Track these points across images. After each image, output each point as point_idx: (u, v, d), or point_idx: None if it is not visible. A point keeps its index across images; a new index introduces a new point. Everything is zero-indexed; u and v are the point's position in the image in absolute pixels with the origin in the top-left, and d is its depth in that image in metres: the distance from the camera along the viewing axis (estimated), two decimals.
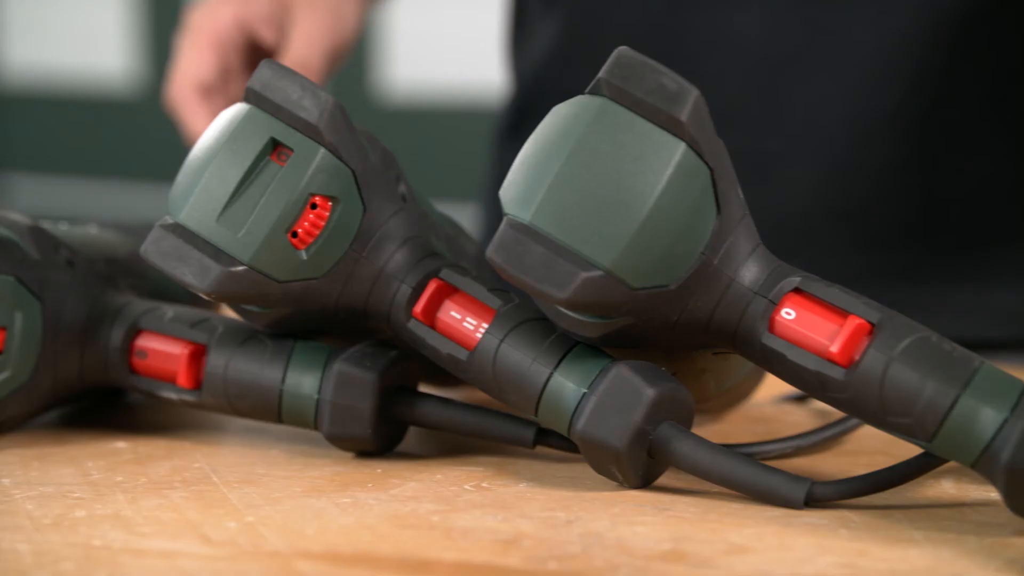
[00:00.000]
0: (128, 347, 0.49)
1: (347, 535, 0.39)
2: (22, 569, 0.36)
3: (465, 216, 0.63)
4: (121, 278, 0.53)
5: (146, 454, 0.48)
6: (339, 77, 0.88)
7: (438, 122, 2.38)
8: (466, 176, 1.65)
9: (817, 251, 0.73)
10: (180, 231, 0.45)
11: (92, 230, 0.56)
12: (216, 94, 0.71)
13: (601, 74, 0.42)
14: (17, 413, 0.49)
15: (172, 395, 0.49)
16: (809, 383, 0.41)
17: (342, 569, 0.36)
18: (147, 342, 0.49)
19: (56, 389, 0.49)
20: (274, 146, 0.46)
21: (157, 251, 0.45)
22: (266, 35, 0.72)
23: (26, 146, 2.76)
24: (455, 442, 0.49)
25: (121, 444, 0.49)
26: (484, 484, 0.44)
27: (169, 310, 0.50)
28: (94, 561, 0.36)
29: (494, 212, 0.88)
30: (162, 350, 0.49)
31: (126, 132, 2.72)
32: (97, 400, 0.54)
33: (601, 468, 0.43)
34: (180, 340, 0.49)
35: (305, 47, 0.70)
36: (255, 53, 0.73)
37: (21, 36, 2.71)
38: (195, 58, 0.71)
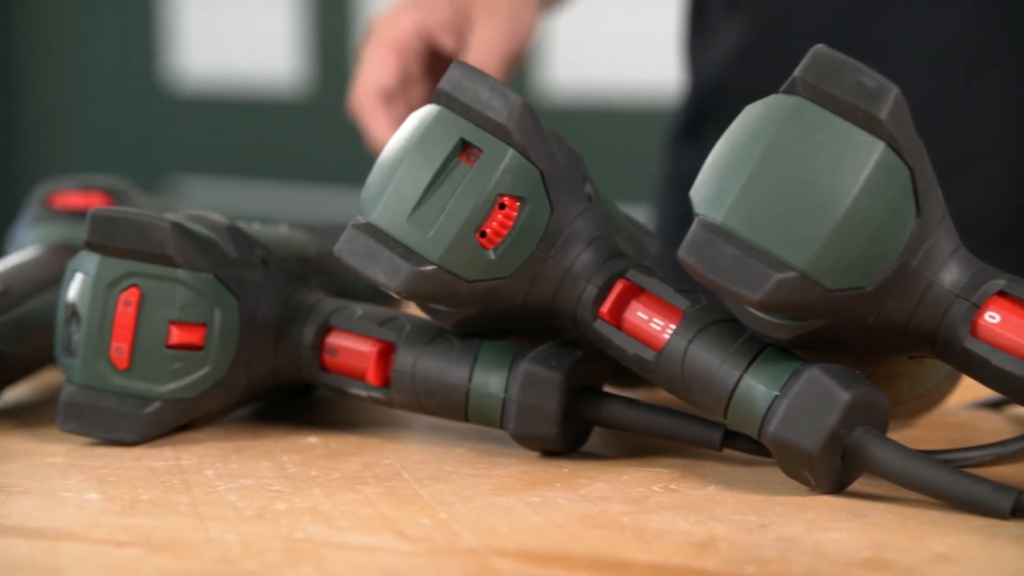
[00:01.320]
0: (319, 344, 0.51)
1: (539, 534, 0.39)
2: (231, 559, 0.37)
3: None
4: (311, 276, 0.55)
5: (337, 450, 0.49)
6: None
7: (598, 123, 2.38)
8: (627, 178, 1.65)
9: (1015, 252, 0.71)
10: (372, 231, 0.46)
11: (283, 230, 0.57)
12: (397, 100, 0.73)
13: (797, 73, 0.41)
14: (215, 407, 0.50)
15: (361, 392, 0.50)
16: (1014, 388, 0.40)
17: (537, 568, 0.36)
18: (337, 340, 0.50)
19: (251, 385, 0.51)
20: (464, 147, 0.46)
21: (350, 250, 0.46)
22: (446, 42, 0.73)
23: (199, 148, 2.85)
24: (639, 442, 0.49)
25: (313, 439, 0.50)
26: (672, 486, 0.44)
27: (358, 308, 0.51)
28: (298, 554, 0.37)
29: (667, 214, 0.88)
30: (352, 348, 0.50)
31: (294, 134, 2.79)
32: (287, 396, 0.56)
33: (793, 472, 0.42)
34: (369, 338, 0.50)
35: (484, 54, 0.71)
36: (435, 60, 0.74)
37: (197, 43, 2.80)
38: (377, 65, 0.72)
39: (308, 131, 2.78)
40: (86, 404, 0.49)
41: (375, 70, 0.72)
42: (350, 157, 2.77)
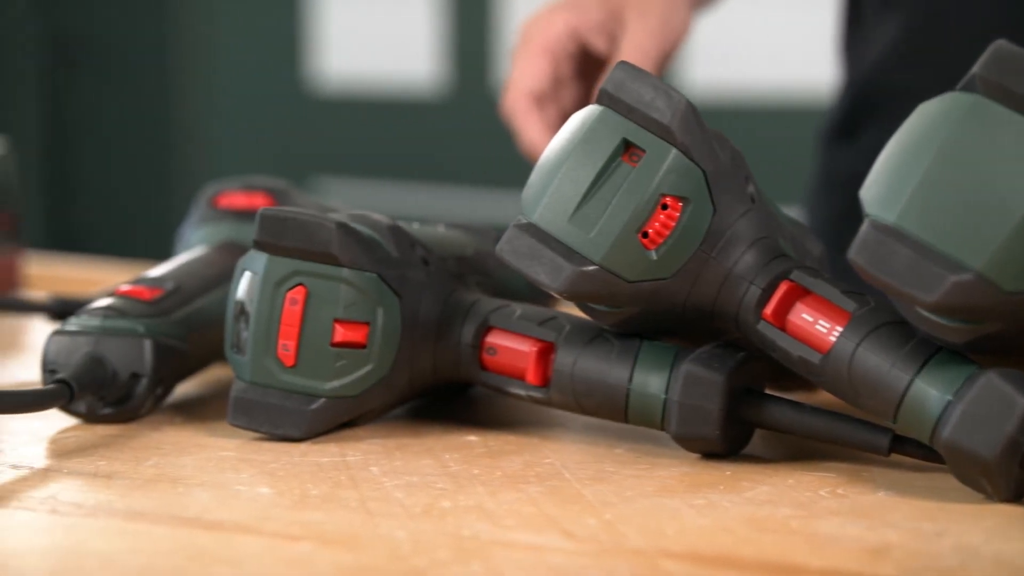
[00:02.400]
0: (479, 343, 0.51)
1: (707, 537, 0.39)
2: (402, 555, 0.37)
3: None
4: (469, 276, 0.55)
5: (497, 448, 0.49)
6: None
7: (740, 123, 2.36)
8: (773, 178, 1.63)
9: None
10: (533, 231, 0.46)
11: (440, 229, 0.58)
12: (549, 102, 0.73)
13: (975, 69, 0.40)
14: (377, 405, 0.51)
15: (520, 391, 0.50)
16: None
17: (707, 570, 0.36)
18: (497, 339, 0.51)
19: (412, 383, 0.52)
20: (626, 147, 0.46)
21: (511, 250, 0.47)
22: (597, 44, 0.73)
23: (340, 149, 2.90)
24: (801, 445, 0.48)
25: (472, 438, 0.51)
26: (839, 490, 0.43)
27: (517, 308, 0.51)
28: (466, 551, 0.38)
29: (819, 215, 0.86)
30: (511, 347, 0.50)
31: (432, 135, 2.82)
32: (444, 394, 0.56)
33: (968, 479, 0.41)
34: (529, 338, 0.50)
35: (636, 56, 0.70)
36: (587, 61, 0.74)
37: (338, 45, 2.84)
38: (528, 67, 0.72)
39: (446, 132, 2.81)
40: (255, 400, 0.50)
41: (527, 73, 0.72)
42: (487, 158, 2.79)
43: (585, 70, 0.74)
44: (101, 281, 0.90)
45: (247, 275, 0.51)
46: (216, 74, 3.00)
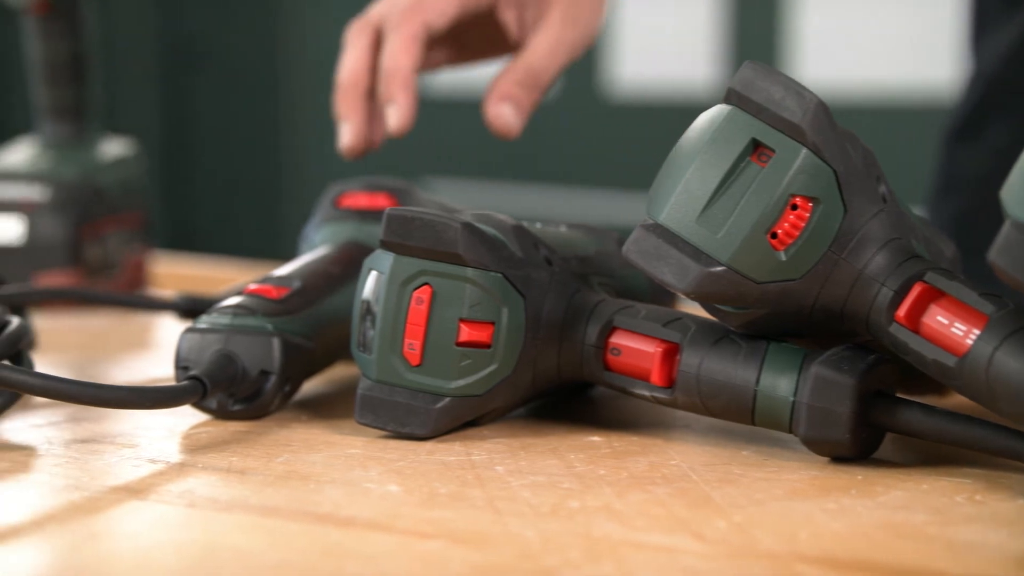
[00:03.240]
0: (603, 344, 0.51)
1: (842, 542, 0.38)
2: (532, 554, 0.37)
3: None
4: (592, 276, 0.55)
5: (622, 449, 0.49)
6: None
7: (853, 123, 2.32)
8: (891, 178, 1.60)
9: None
10: (660, 231, 0.46)
11: (562, 229, 0.58)
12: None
13: None
14: (501, 404, 0.51)
15: (644, 392, 0.50)
16: None
17: (843, 575, 0.36)
18: (621, 340, 0.51)
19: (535, 382, 0.52)
20: (755, 147, 0.46)
21: (638, 251, 0.46)
22: (506, 17, 0.68)
23: (452, 150, 2.91)
24: (934, 450, 0.48)
25: (596, 438, 0.51)
26: (977, 497, 0.42)
27: (642, 308, 0.51)
28: (598, 552, 0.38)
29: (942, 215, 0.85)
30: (636, 348, 0.50)
31: (540, 136, 2.82)
32: (565, 394, 0.56)
33: None
34: (654, 338, 0.50)
35: (550, 49, 0.66)
36: (474, 23, 0.68)
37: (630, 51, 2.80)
38: (401, 38, 0.64)
39: (554, 133, 2.81)
40: (381, 399, 0.50)
41: (401, 47, 0.63)
42: (594, 159, 2.79)
43: (464, 30, 0.68)
44: (219, 279, 0.92)
45: (373, 274, 0.51)
46: (327, 76, 3.04)
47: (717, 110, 0.47)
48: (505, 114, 0.64)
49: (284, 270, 0.57)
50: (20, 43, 0.84)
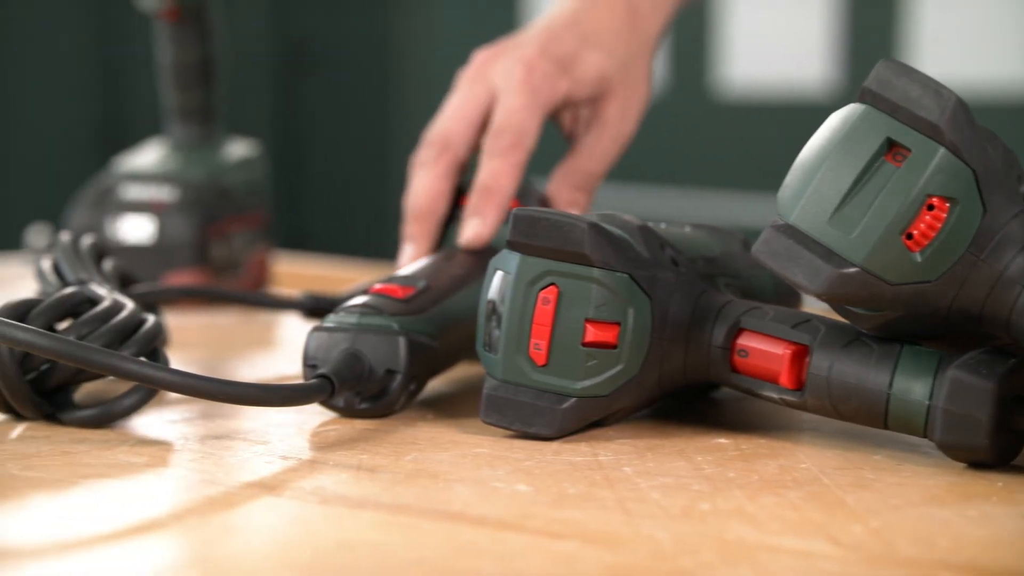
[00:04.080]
0: (730, 345, 0.51)
1: (986, 550, 0.37)
2: (666, 556, 0.37)
3: None
4: (718, 277, 0.55)
5: (750, 452, 0.49)
6: None
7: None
8: None
9: None
10: (791, 232, 0.46)
11: (687, 230, 0.58)
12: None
13: None
14: (627, 405, 0.51)
15: (773, 394, 0.50)
16: None
17: None
18: (749, 341, 0.50)
19: (661, 383, 0.52)
20: (890, 146, 0.45)
21: (768, 251, 0.46)
22: (564, 118, 0.69)
23: (560, 151, 2.91)
24: None
25: (723, 440, 0.50)
26: None
27: (770, 310, 0.51)
28: (732, 555, 0.37)
29: None
30: (764, 350, 0.50)
31: (649, 135, 2.81)
32: (689, 395, 0.56)
33: None
34: (782, 340, 0.49)
35: (591, 166, 0.68)
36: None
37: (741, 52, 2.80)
38: (527, 119, 0.65)
39: (663, 132, 2.79)
40: (507, 398, 0.51)
41: (523, 128, 0.64)
42: (703, 159, 2.77)
43: None
44: (336, 278, 0.93)
45: (499, 274, 0.51)
46: (437, 76, 3.07)
47: (850, 109, 0.46)
48: None
49: (408, 270, 0.58)
50: (152, 49, 0.86)
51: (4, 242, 1.50)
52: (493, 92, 0.66)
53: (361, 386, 0.52)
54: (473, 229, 0.62)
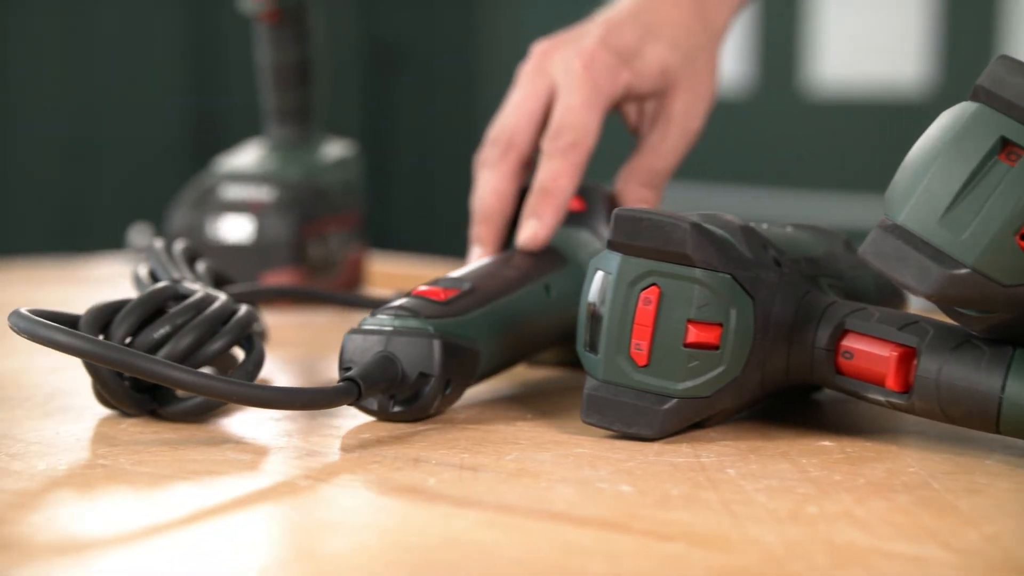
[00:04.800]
0: (834, 347, 0.50)
1: None
2: (776, 559, 0.37)
3: None
4: (821, 278, 0.54)
5: (855, 455, 0.48)
6: None
7: None
8: None
9: None
10: (899, 232, 0.45)
11: (788, 230, 0.57)
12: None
13: None
14: (728, 406, 0.51)
15: (879, 397, 0.49)
16: None
17: None
18: (854, 343, 0.49)
19: (763, 385, 0.51)
20: (1003, 145, 0.44)
21: (876, 252, 0.45)
22: (629, 113, 0.67)
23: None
24: None
25: (827, 443, 0.50)
26: None
27: (875, 311, 0.50)
28: (844, 559, 0.37)
29: None
30: (870, 352, 0.49)
31: (737, 134, 2.79)
32: (791, 396, 0.55)
33: None
34: (889, 342, 0.49)
35: (660, 163, 0.66)
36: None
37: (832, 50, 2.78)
38: (586, 115, 0.63)
39: (752, 131, 2.77)
40: (607, 399, 0.50)
41: (582, 120, 0.63)
42: (793, 158, 2.73)
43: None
44: (427, 277, 0.93)
45: (600, 275, 0.51)
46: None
47: (962, 107, 0.45)
48: None
49: (460, 272, 0.57)
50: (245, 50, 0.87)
51: (107, 242, 1.54)
52: (553, 86, 0.64)
53: (394, 389, 0.51)
54: (530, 230, 0.60)
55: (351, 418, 0.53)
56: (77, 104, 2.69)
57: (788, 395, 0.55)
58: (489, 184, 0.64)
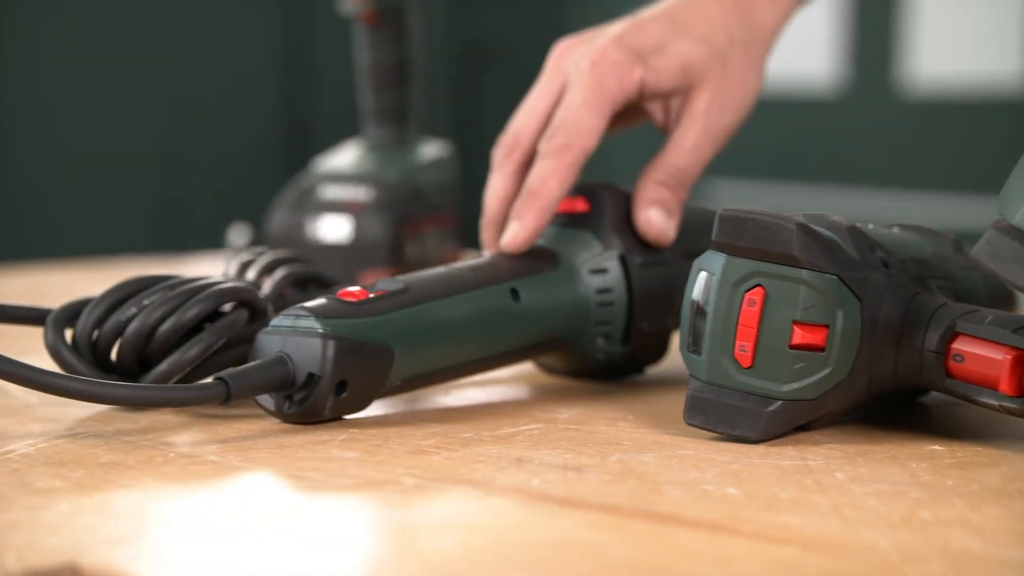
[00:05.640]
0: (944, 350, 0.49)
1: None
2: (891, 565, 0.36)
3: None
4: (929, 279, 0.53)
5: (967, 460, 0.47)
6: None
7: None
8: None
9: None
10: (1015, 233, 0.44)
11: (895, 231, 0.56)
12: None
13: None
14: (834, 409, 0.50)
15: (991, 401, 0.48)
16: None
17: None
18: (965, 346, 0.49)
19: (870, 388, 0.50)
20: None
21: (990, 253, 0.44)
22: (653, 111, 0.64)
23: (732, 151, 2.88)
24: None
25: (937, 447, 0.49)
26: None
27: (987, 314, 0.49)
28: (961, 566, 0.36)
29: None
30: (982, 355, 0.48)
31: (828, 133, 2.75)
32: (898, 399, 0.55)
33: None
34: (1002, 345, 0.48)
35: (684, 160, 0.62)
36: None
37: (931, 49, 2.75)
38: (588, 118, 0.61)
39: (844, 131, 2.73)
40: (711, 400, 0.50)
41: (586, 124, 0.60)
42: (887, 158, 2.69)
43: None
44: None
45: (703, 275, 0.51)
46: None
47: None
48: (655, 219, 0.60)
49: (409, 274, 0.55)
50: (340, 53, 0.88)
51: (208, 242, 1.56)
52: (565, 85, 0.63)
53: (289, 390, 0.50)
54: (510, 232, 0.58)
55: (455, 422, 0.53)
56: (175, 107, 2.74)
57: (895, 398, 0.54)
58: (493, 186, 0.63)
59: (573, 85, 0.62)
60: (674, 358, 0.64)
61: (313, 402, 0.50)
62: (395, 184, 0.82)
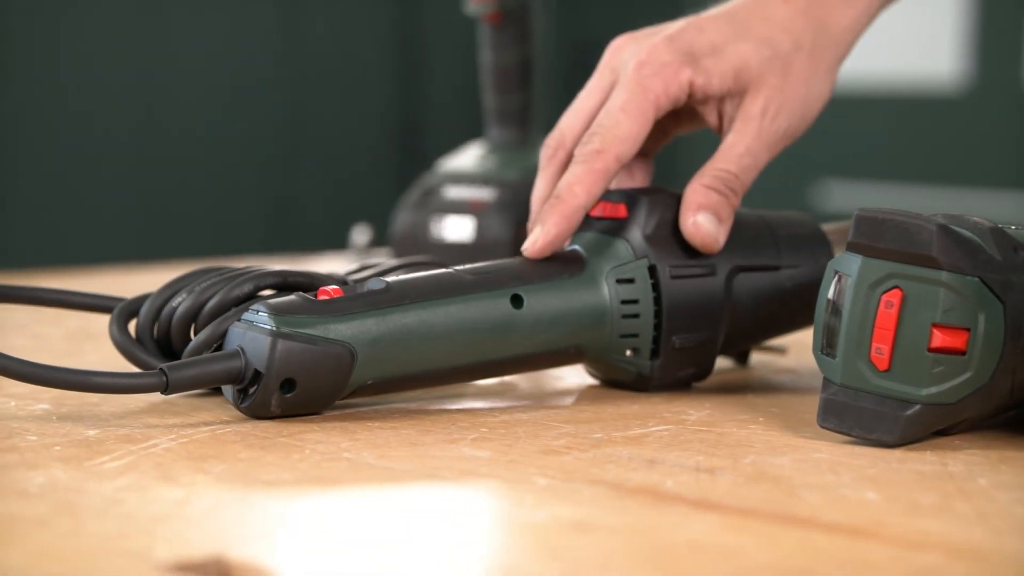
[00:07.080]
0: None
1: None
2: None
3: None
4: None
5: None
6: None
7: None
8: None
9: None
10: None
11: None
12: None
13: None
14: (974, 414, 0.49)
15: None
16: None
17: None
18: None
19: (1013, 393, 0.49)
20: None
21: None
22: (707, 115, 0.62)
23: (850, 151, 2.83)
24: None
25: None
26: None
27: None
28: None
29: None
30: None
31: (951, 133, 2.69)
32: None
33: None
34: None
35: (736, 165, 0.59)
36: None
37: None
38: (629, 124, 0.59)
39: (968, 130, 2.67)
40: (846, 403, 0.49)
41: (625, 131, 0.58)
42: (1013, 157, 2.63)
43: (661, 122, 0.62)
44: None
45: (838, 277, 0.50)
46: None
47: None
48: (703, 224, 0.57)
49: (415, 275, 0.54)
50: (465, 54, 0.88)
51: (332, 242, 1.58)
52: (615, 84, 0.61)
53: (241, 384, 0.50)
54: (531, 238, 0.57)
55: (584, 423, 0.53)
56: (288, 107, 2.78)
57: None
58: (536, 187, 0.62)
59: (618, 86, 0.60)
60: (803, 360, 0.63)
61: (256, 398, 0.50)
62: (517, 184, 0.83)
